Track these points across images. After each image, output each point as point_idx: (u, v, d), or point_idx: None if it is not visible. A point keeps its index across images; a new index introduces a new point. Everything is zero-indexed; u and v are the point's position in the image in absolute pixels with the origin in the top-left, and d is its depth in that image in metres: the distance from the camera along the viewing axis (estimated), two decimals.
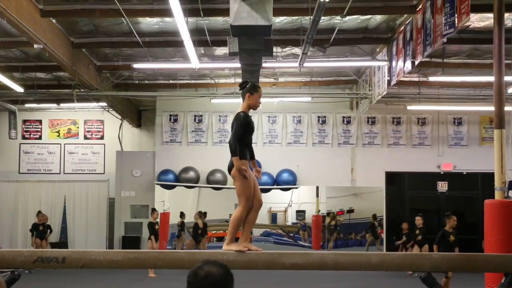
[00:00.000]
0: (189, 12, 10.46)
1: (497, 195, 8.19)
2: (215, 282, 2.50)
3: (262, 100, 5.73)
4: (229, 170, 5.53)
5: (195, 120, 18.10)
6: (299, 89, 17.23)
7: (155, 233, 14.59)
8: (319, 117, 17.94)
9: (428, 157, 17.63)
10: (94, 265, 5.14)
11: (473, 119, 17.69)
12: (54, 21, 11.73)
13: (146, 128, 19.44)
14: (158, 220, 15.15)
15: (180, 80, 16.89)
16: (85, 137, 19.34)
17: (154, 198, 18.05)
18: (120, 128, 18.81)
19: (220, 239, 19.73)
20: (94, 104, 17.39)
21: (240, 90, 5.78)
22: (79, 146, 19.28)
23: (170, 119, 18.14)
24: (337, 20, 11.33)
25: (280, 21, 11.81)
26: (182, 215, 18.01)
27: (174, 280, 12.92)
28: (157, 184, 17.97)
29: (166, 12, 10.12)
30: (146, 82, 17.45)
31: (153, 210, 15.22)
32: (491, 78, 9.06)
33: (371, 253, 5.33)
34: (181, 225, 17.87)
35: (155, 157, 18.18)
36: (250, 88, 5.67)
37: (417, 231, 14.18)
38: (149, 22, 11.98)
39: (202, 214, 17.13)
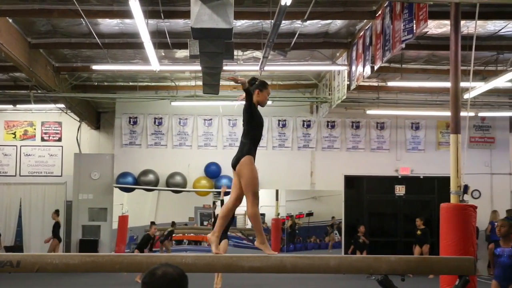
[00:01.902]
0: (150, 14, 10.39)
1: (453, 198, 8.33)
2: (173, 280, 2.58)
3: (222, 103, 5.74)
4: (234, 166, 5.55)
5: (155, 122, 17.97)
6: None
7: (146, 247, 14.19)
8: (279, 120, 18.00)
9: (386, 161, 17.84)
10: (49, 269, 5.05)
11: (430, 124, 17.97)
12: (10, 20, 11.51)
13: (105, 130, 19.21)
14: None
15: (140, 82, 16.76)
16: (42, 139, 19.00)
17: (112, 201, 17.84)
18: (78, 130, 18.54)
19: (179, 242, 19.60)
20: (52, 105, 17.12)
21: (249, 86, 5.81)
22: (36, 148, 18.93)
23: (129, 122, 17.97)
24: (298, 24, 11.40)
25: (241, 24, 11.83)
26: (173, 224, 18.17)
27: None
28: (116, 187, 17.77)
29: (126, 14, 10.03)
30: (106, 83, 17.25)
31: (152, 223, 14.75)
32: (447, 84, 9.22)
33: (330, 256, 5.37)
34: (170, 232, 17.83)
35: (114, 159, 17.98)
36: (259, 84, 5.73)
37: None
38: (109, 23, 11.85)
39: (57, 212, 17.16)
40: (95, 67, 13.99)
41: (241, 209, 22.17)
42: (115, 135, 18.18)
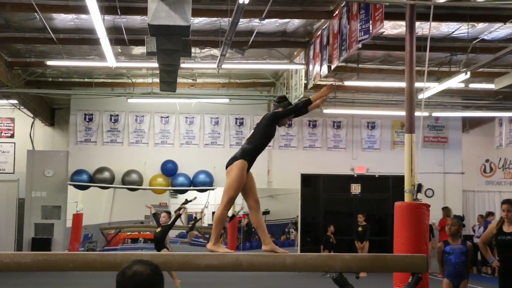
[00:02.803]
0: (106, 9, 10.25)
1: (407, 197, 8.45)
2: (142, 281, 2.52)
3: (179, 101, 5.75)
4: (227, 165, 5.60)
5: (110, 119, 17.75)
6: (217, 91, 17.23)
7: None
8: (236, 118, 17.99)
9: (342, 160, 18.01)
10: (1, 267, 4.94)
11: (385, 124, 18.21)
12: None
13: (60, 127, 18.88)
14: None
15: (96, 79, 16.53)
16: None
17: (66, 199, 17.56)
18: (31, 126, 18.18)
19: (135, 240, 19.43)
20: (4, 101, 16.73)
21: (275, 102, 6.04)
22: None
23: (85, 118, 17.71)
24: (255, 22, 11.41)
25: (199, 22, 11.77)
26: (195, 217, 18.16)
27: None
28: (70, 184, 17.49)
29: (82, 9, 9.88)
30: (60, 79, 16.97)
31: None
32: (402, 84, 9.36)
33: (285, 254, 5.39)
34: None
35: (69, 156, 17.70)
36: (286, 105, 5.92)
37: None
38: (64, 19, 11.64)
39: None
40: (49, 62, 13.74)
41: (198, 207, 22.19)
42: (70, 132, 17.91)
